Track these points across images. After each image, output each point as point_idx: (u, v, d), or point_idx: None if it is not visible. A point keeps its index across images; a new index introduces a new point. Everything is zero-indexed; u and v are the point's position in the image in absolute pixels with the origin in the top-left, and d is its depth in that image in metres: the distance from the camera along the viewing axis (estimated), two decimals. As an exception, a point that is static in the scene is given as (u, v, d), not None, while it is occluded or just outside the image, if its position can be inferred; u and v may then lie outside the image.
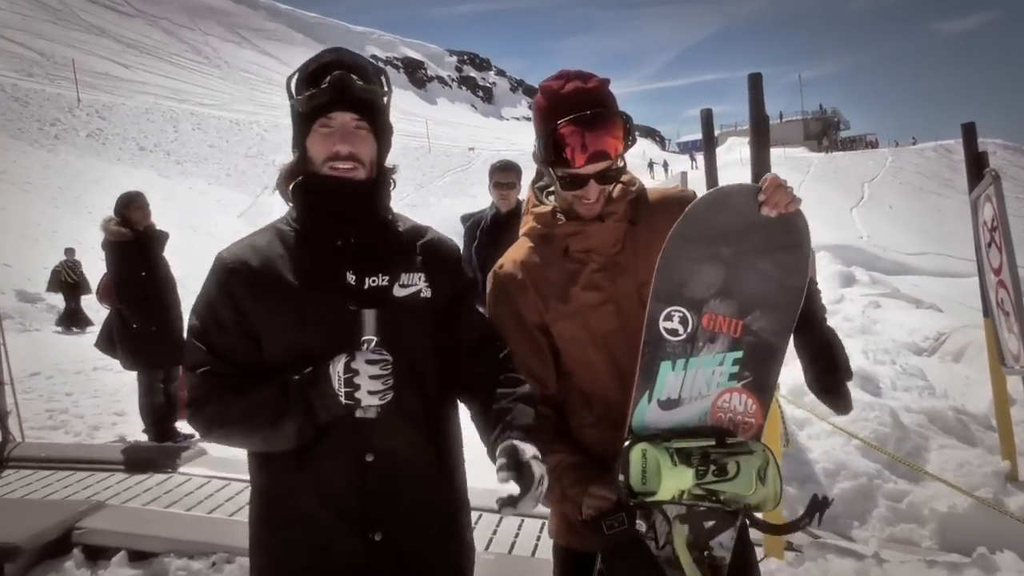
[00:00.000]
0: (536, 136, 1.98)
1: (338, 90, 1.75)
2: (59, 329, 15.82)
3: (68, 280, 16.40)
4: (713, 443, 1.81)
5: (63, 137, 39.22)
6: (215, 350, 1.77)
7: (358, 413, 1.74)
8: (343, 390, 1.68)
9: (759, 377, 1.93)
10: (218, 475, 5.52)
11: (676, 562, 1.76)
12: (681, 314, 1.89)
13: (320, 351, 1.73)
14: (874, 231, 38.50)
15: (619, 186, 2.02)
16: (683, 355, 1.88)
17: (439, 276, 1.93)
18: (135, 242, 6.26)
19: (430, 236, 2.01)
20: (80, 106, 44.48)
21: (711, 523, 1.80)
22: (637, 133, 2.01)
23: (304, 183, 1.83)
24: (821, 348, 2.05)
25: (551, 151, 1.93)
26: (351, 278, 1.80)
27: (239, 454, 1.92)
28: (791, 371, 7.55)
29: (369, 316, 1.77)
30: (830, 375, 2.05)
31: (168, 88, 62.47)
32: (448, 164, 53.43)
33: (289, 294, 1.77)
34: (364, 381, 1.68)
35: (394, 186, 1.95)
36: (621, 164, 1.99)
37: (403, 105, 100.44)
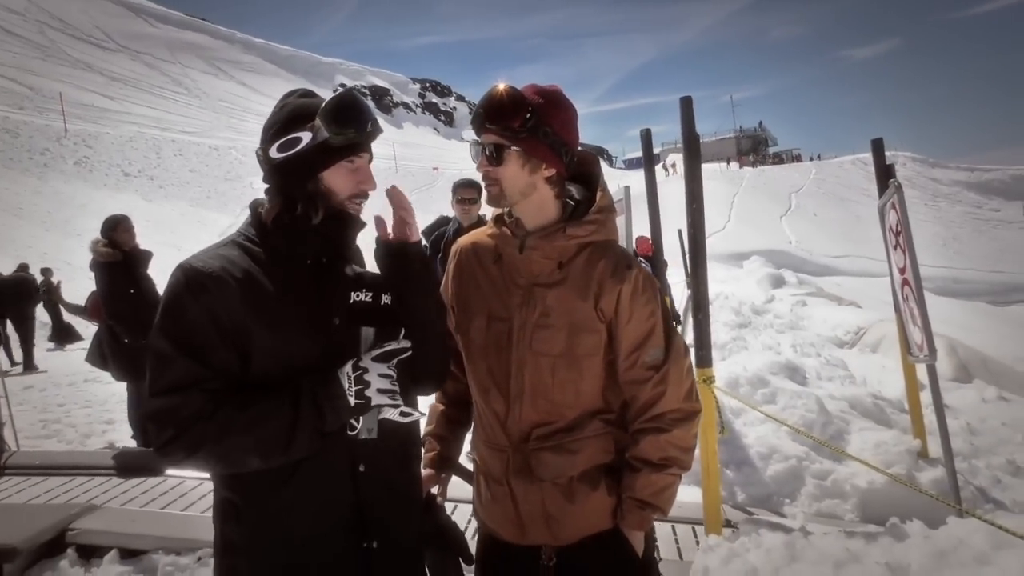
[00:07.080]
0: None
1: (371, 134, 1.72)
2: (51, 345, 15.44)
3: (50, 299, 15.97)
4: None
5: (52, 165, 38.33)
6: (204, 363, 1.52)
7: (362, 435, 1.65)
8: (353, 389, 1.57)
9: None
10: (203, 477, 5.40)
11: None
12: None
13: (314, 368, 1.60)
14: (801, 237, 39.31)
15: (564, 230, 1.88)
16: None
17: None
18: (122, 262, 6.17)
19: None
20: (67, 136, 43.54)
21: None
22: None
23: (331, 213, 1.70)
24: None
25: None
26: (356, 296, 1.72)
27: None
28: (728, 364, 7.62)
29: (367, 334, 1.72)
30: None
31: (150, 117, 61.38)
32: (414, 183, 53.35)
33: (281, 308, 1.60)
34: (374, 379, 1.59)
35: None
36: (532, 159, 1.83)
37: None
